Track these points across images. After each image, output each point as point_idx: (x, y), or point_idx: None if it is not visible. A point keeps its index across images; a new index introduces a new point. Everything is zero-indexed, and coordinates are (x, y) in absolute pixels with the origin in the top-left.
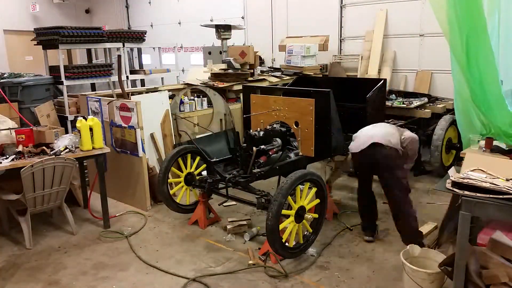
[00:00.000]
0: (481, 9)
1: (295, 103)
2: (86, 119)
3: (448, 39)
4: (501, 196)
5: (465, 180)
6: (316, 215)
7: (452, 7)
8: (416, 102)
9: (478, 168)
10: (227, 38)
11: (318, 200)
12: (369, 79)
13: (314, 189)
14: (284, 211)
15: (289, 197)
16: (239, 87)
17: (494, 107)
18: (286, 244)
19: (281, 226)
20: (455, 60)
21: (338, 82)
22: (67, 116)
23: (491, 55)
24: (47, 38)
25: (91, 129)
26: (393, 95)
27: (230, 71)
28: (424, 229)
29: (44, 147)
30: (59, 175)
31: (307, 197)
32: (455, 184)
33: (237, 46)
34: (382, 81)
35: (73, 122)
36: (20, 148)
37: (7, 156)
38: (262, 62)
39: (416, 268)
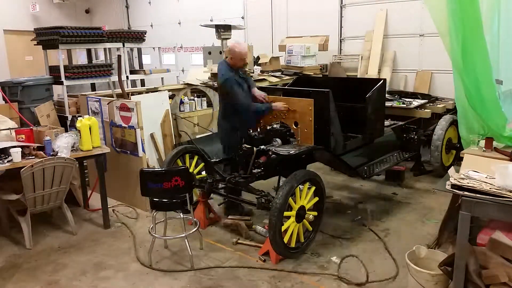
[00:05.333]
0: (477, 9)
1: (295, 103)
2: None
3: (444, 39)
4: (501, 198)
5: (465, 181)
6: (315, 213)
7: (448, 8)
8: (416, 102)
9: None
10: (227, 38)
11: (317, 198)
12: (369, 79)
13: (313, 188)
14: (285, 213)
15: (290, 198)
16: None
17: (488, 109)
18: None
19: (282, 228)
20: (451, 61)
21: (338, 82)
22: (67, 116)
23: (486, 57)
24: (47, 38)
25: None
26: (393, 95)
27: None
28: None
29: (41, 152)
30: (59, 175)
31: (306, 197)
32: (455, 184)
33: None
34: (382, 81)
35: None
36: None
37: (7, 156)
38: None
39: (419, 269)
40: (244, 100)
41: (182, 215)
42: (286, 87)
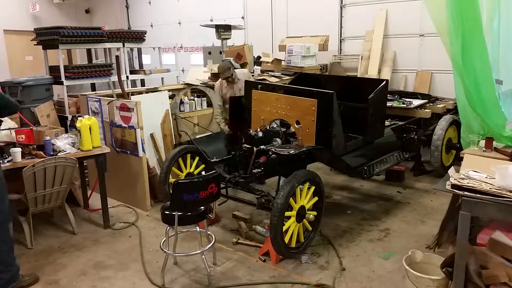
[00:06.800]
0: (477, 10)
1: (297, 102)
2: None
3: (443, 40)
4: (501, 198)
5: (465, 181)
6: (315, 213)
7: (448, 8)
8: (416, 102)
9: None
10: (227, 38)
11: (316, 198)
12: (371, 79)
13: (312, 188)
14: (286, 213)
15: (290, 198)
16: None
17: (488, 109)
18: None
19: (283, 228)
20: (451, 61)
21: (340, 80)
22: (67, 116)
23: (486, 57)
24: (47, 38)
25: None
26: (393, 95)
27: None
28: None
29: (41, 152)
30: (60, 174)
31: (306, 196)
32: (455, 184)
33: (233, 49)
34: (384, 82)
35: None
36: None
37: (7, 156)
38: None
39: (420, 275)
40: None
41: (199, 229)
42: (288, 85)
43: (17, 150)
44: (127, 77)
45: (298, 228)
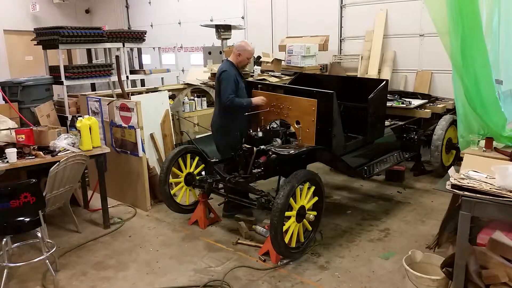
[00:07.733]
0: (477, 9)
1: (298, 102)
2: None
3: (443, 39)
4: (501, 198)
5: (465, 181)
6: (315, 213)
7: (448, 8)
8: (416, 102)
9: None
10: (227, 38)
11: (316, 198)
12: (371, 79)
13: (312, 188)
14: (286, 213)
15: (290, 198)
16: None
17: (488, 109)
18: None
19: (283, 228)
20: (451, 61)
21: (340, 80)
22: (67, 116)
23: (486, 57)
24: (47, 38)
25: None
26: (393, 95)
27: None
28: None
29: (41, 152)
30: (72, 173)
31: (306, 196)
32: (455, 184)
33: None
34: (384, 82)
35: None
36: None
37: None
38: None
39: (420, 275)
40: (228, 93)
41: (40, 235)
42: (288, 85)
43: (12, 151)
44: (127, 77)
45: (298, 228)
